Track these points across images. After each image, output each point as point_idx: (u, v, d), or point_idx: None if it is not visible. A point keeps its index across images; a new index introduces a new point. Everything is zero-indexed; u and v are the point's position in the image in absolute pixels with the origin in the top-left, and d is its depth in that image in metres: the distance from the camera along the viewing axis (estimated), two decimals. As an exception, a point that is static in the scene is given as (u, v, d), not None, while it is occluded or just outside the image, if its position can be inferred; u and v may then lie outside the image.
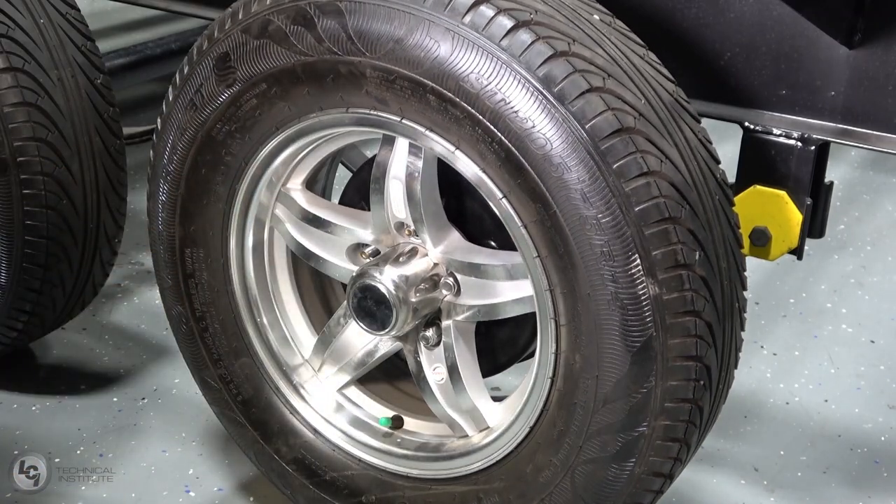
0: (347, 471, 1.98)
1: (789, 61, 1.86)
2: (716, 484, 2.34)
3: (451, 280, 1.80)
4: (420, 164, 1.76)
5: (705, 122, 1.73)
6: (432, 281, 1.81)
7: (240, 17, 1.77)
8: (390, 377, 2.07)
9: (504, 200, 1.61)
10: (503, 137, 1.56)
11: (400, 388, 2.07)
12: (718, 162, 1.68)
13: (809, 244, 1.99)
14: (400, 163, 1.78)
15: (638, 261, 1.54)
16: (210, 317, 2.00)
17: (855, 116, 1.84)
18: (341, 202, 2.00)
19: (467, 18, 1.56)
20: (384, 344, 1.95)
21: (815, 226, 1.94)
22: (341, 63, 1.67)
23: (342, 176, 2.07)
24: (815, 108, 1.86)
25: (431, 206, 1.80)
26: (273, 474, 2.06)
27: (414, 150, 1.76)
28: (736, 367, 1.74)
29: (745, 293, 1.70)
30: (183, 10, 2.56)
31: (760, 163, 1.90)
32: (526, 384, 1.76)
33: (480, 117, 1.57)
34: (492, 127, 1.57)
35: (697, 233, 1.57)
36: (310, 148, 1.85)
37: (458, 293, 1.81)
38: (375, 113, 1.69)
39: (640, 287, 1.54)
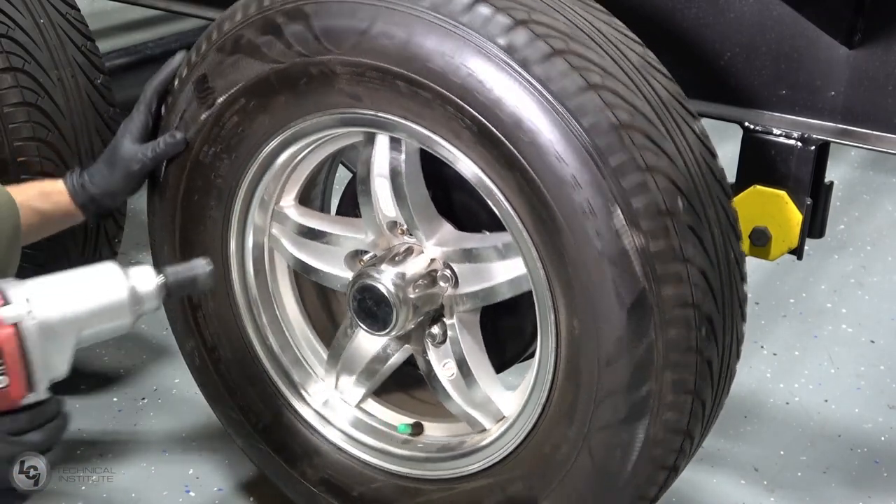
0: (374, 483, 1.98)
1: (789, 61, 1.86)
2: (716, 484, 2.34)
3: (448, 272, 1.81)
4: (402, 157, 1.77)
5: (705, 122, 1.73)
6: (430, 276, 1.81)
7: (213, 37, 1.80)
8: (405, 387, 2.07)
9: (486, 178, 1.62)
10: (473, 112, 1.57)
11: (415, 397, 2.07)
12: (696, 118, 1.68)
13: (809, 244, 1.99)
14: (382, 160, 1.79)
15: (619, 212, 1.54)
16: (221, 347, 2.01)
17: (855, 116, 1.84)
18: (338, 213, 2.01)
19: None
20: (393, 348, 1.95)
21: (815, 226, 1.93)
22: (311, 64, 1.68)
23: (341, 179, 2.07)
24: (815, 108, 1.86)
25: (419, 199, 1.80)
26: (302, 499, 2.06)
27: (394, 144, 1.77)
28: (744, 320, 1.72)
29: (739, 243, 1.70)
30: (183, 10, 2.56)
31: (760, 163, 1.90)
32: (533, 364, 1.75)
33: (449, 95, 1.58)
34: (461, 103, 1.58)
35: (678, 182, 1.57)
36: (298, 158, 1.86)
37: (456, 284, 1.81)
38: (352, 110, 1.70)
39: (625, 240, 1.55)
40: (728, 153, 1.88)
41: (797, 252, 1.92)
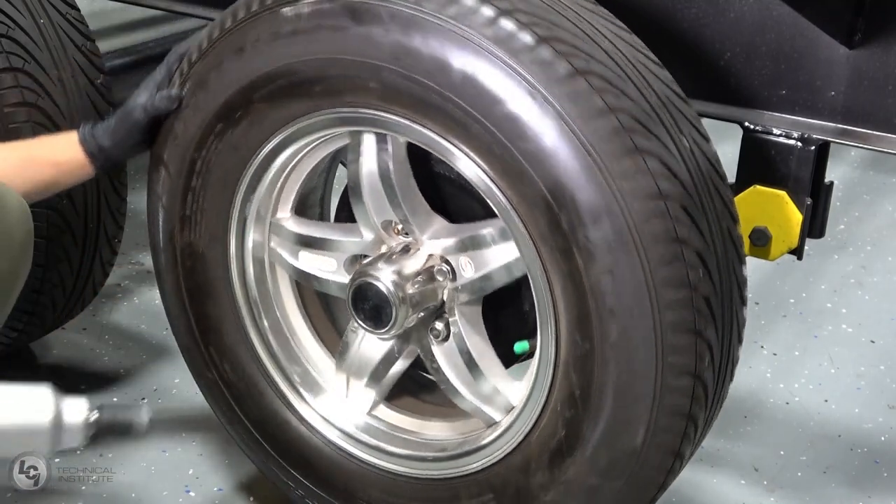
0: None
1: (789, 61, 1.86)
2: (716, 484, 2.34)
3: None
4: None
5: (705, 121, 1.73)
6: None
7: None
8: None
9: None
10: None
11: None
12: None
13: (809, 244, 1.99)
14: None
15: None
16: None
17: (855, 116, 1.84)
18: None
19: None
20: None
21: (815, 226, 1.93)
22: None
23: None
24: (815, 108, 1.86)
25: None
26: None
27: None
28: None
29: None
30: (183, 10, 2.56)
31: (760, 163, 1.90)
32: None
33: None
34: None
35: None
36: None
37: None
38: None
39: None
40: (728, 153, 1.88)
41: (797, 252, 1.92)
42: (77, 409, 1.47)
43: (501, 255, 1.76)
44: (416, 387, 2.07)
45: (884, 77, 1.80)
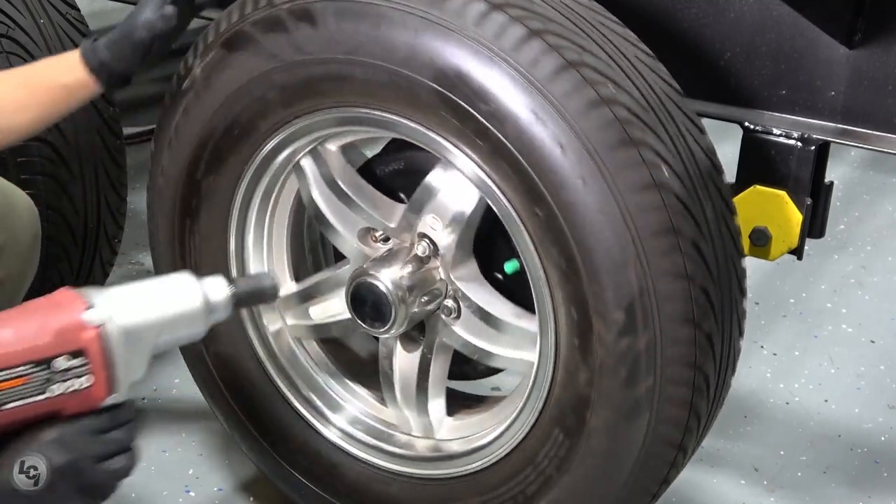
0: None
1: (789, 61, 1.86)
2: (716, 484, 2.34)
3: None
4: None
5: (705, 121, 1.73)
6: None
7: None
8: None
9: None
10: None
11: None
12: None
13: (809, 244, 1.99)
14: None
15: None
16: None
17: (855, 116, 1.84)
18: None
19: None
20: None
21: (815, 226, 1.93)
22: None
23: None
24: (815, 108, 1.86)
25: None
26: None
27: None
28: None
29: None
30: (183, 9, 2.55)
31: (760, 163, 1.90)
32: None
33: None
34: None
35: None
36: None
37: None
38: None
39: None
40: (728, 153, 1.88)
41: (797, 252, 1.92)
42: (218, 287, 1.54)
43: (451, 189, 1.76)
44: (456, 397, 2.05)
45: (884, 77, 1.80)
